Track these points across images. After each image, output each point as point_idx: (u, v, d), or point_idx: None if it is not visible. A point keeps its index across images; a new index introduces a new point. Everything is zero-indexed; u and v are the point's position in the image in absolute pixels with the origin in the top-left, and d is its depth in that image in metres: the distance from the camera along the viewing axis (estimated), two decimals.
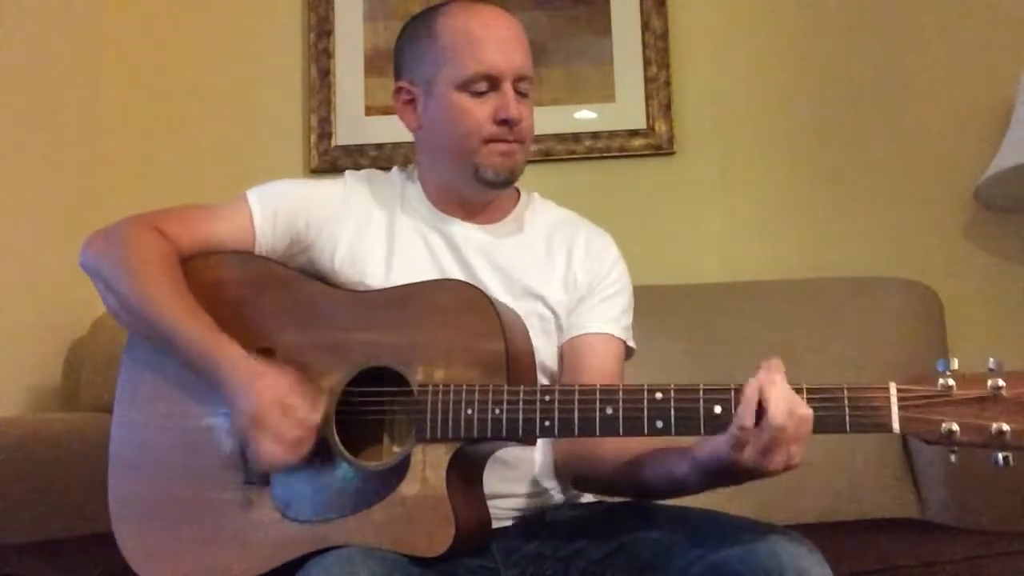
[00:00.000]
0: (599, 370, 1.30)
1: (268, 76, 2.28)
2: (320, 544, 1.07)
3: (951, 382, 0.97)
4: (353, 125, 2.23)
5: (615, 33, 2.18)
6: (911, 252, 2.05)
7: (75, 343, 2.07)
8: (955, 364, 0.98)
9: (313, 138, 2.23)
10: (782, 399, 0.97)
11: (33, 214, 1.99)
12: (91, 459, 1.72)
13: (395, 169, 1.43)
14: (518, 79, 1.29)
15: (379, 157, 2.18)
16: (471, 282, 1.28)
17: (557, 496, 1.30)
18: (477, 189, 1.32)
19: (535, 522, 1.26)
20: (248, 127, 2.26)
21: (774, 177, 2.14)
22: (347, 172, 1.41)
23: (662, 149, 2.15)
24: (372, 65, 2.24)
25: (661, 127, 2.15)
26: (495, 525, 1.19)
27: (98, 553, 1.25)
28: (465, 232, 1.34)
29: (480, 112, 1.28)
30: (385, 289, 1.24)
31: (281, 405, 1.11)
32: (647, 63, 2.17)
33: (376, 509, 1.09)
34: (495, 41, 1.28)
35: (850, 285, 1.94)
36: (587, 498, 1.35)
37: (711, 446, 1.02)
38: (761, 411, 0.97)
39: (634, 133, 2.16)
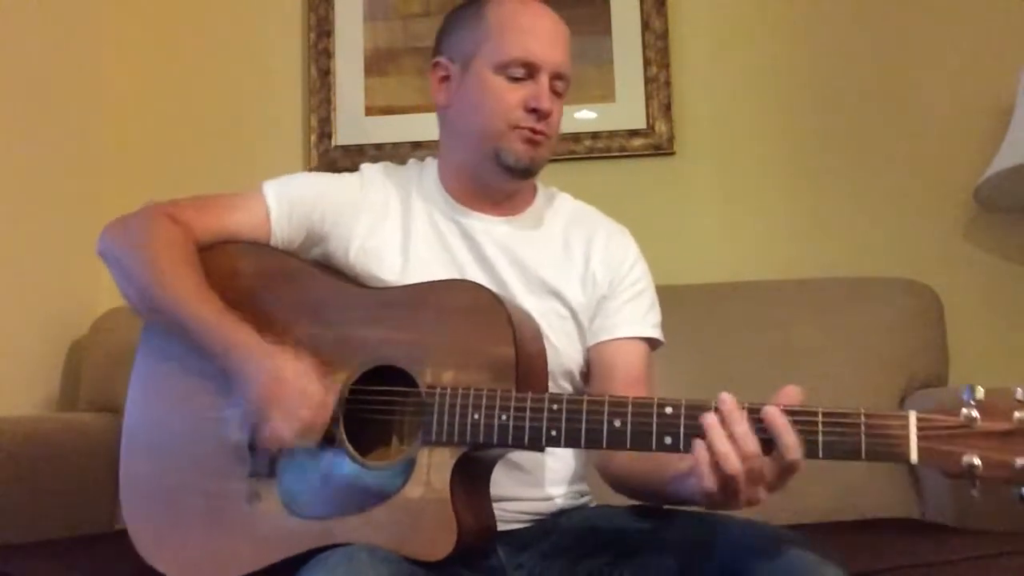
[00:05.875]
0: (628, 374, 1.30)
1: (268, 76, 2.28)
2: (324, 541, 1.07)
3: (975, 413, 0.91)
4: (353, 125, 2.23)
5: (615, 33, 2.18)
6: (911, 252, 2.05)
7: (75, 343, 2.07)
8: (980, 393, 0.92)
9: (313, 138, 2.23)
10: (731, 453, 0.94)
11: (33, 215, 1.98)
12: (91, 459, 1.73)
13: (411, 162, 1.43)
14: (556, 76, 1.29)
15: (379, 157, 2.16)
16: (490, 277, 1.28)
17: (566, 503, 1.29)
18: (496, 175, 1.31)
19: (543, 525, 1.25)
20: (248, 127, 2.26)
21: (774, 177, 2.14)
22: (363, 165, 1.42)
23: (662, 149, 2.15)
24: (372, 65, 2.24)
25: (661, 127, 2.15)
26: (502, 528, 1.18)
27: (98, 553, 1.25)
28: (483, 225, 1.33)
29: (512, 96, 1.28)
30: (398, 287, 1.24)
31: (299, 384, 1.10)
32: (647, 63, 2.17)
33: (380, 509, 1.08)
34: (541, 32, 1.30)
35: (850, 285, 1.94)
36: (596, 503, 1.34)
37: (688, 492, 1.02)
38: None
39: (634, 133, 2.16)
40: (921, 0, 2.13)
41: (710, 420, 0.96)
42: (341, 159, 2.20)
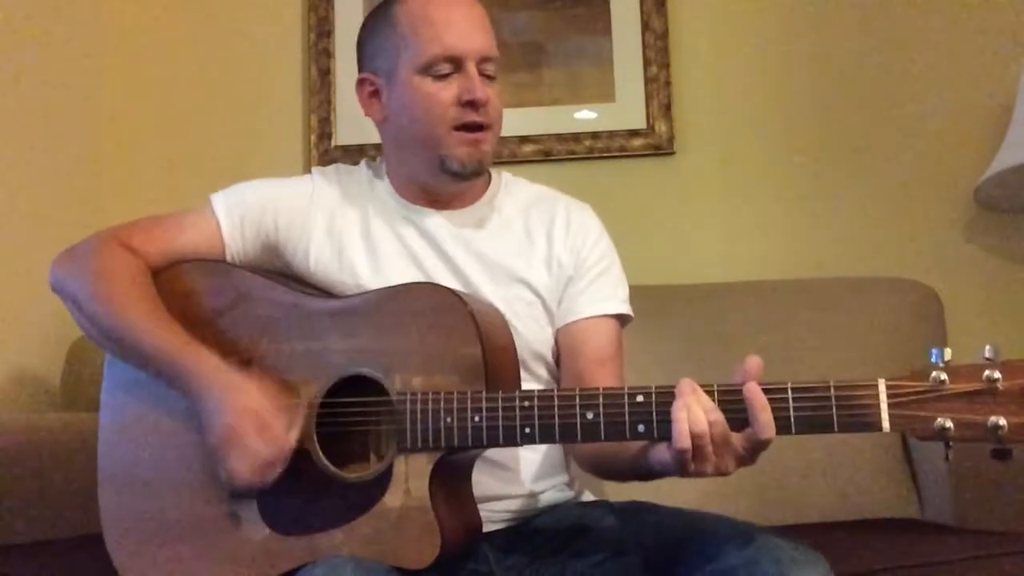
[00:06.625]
0: (597, 353, 1.29)
1: (268, 76, 2.28)
2: (309, 557, 1.06)
3: (944, 376, 0.92)
4: (353, 125, 2.23)
5: (615, 33, 2.18)
6: (911, 252, 2.06)
7: (75, 343, 2.06)
8: (948, 355, 0.93)
9: (313, 138, 2.24)
10: (699, 412, 0.97)
11: (33, 214, 1.98)
12: (91, 459, 1.72)
13: (363, 163, 1.41)
14: (482, 60, 1.26)
15: (379, 157, 2.18)
16: (452, 272, 1.27)
17: (552, 496, 1.28)
18: (445, 181, 1.29)
19: (530, 524, 1.24)
20: (248, 127, 2.26)
21: (774, 177, 2.14)
22: (314, 168, 1.40)
23: (662, 149, 2.15)
24: None
25: (661, 127, 2.15)
26: (488, 528, 1.18)
27: (98, 553, 1.25)
28: (439, 222, 1.31)
29: (444, 95, 1.25)
30: (359, 295, 1.21)
31: (256, 421, 1.08)
32: (647, 63, 2.17)
33: (362, 521, 1.07)
34: (455, 22, 1.26)
35: (850, 285, 1.94)
36: (586, 497, 1.34)
37: (657, 457, 1.02)
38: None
39: (634, 133, 2.17)
40: (922, 1, 2.13)
41: (685, 385, 0.99)
42: (341, 159, 2.19)
